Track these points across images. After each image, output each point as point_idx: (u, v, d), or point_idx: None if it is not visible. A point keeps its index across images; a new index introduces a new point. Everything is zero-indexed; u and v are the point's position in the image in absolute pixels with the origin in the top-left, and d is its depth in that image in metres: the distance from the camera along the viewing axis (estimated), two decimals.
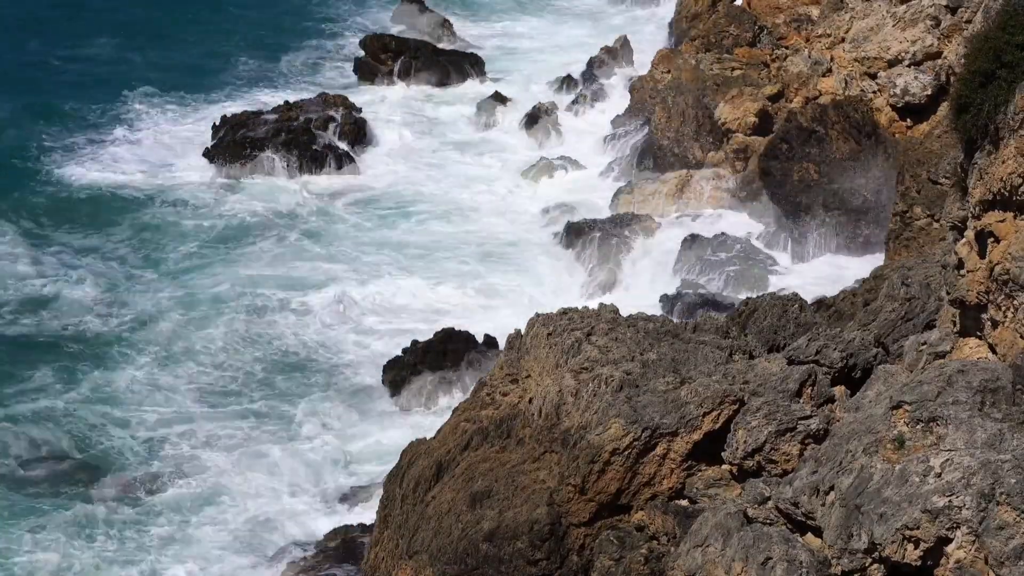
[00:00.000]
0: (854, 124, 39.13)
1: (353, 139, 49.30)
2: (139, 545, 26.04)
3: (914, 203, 33.99)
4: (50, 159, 47.42)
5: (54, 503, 27.47)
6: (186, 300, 36.92)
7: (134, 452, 29.40)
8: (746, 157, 42.40)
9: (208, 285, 38.06)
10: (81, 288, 37.27)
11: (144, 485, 28.26)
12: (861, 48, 42.19)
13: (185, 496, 27.73)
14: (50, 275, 38.19)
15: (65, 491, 28.00)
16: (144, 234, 41.80)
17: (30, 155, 47.74)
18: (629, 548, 18.01)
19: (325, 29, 66.67)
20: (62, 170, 46.47)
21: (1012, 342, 15.65)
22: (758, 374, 18.97)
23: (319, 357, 33.87)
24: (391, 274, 39.12)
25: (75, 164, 47.07)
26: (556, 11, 70.81)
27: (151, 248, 40.59)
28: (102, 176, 46.02)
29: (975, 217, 16.26)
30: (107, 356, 33.68)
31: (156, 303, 36.62)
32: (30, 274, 38.25)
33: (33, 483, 28.23)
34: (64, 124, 50.87)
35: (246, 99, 54.81)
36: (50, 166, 46.78)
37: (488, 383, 22.35)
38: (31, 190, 44.64)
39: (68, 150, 48.44)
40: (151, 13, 67.08)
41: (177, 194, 44.97)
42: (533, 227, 42.16)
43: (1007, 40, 15.78)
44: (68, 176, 45.99)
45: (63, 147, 48.65)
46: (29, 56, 60.08)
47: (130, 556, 25.66)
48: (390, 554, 21.05)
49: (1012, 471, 13.25)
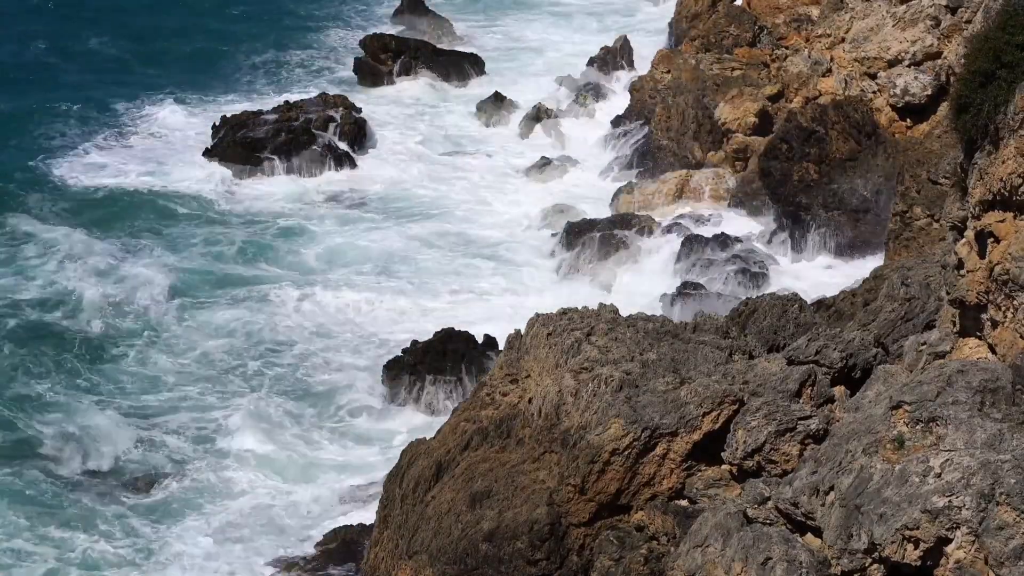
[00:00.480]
0: (854, 124, 39.12)
1: (353, 139, 49.28)
2: (134, 544, 26.00)
3: (914, 203, 34.00)
4: (49, 158, 47.39)
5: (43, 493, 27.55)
6: (185, 300, 36.91)
7: (131, 448, 29.36)
8: (746, 157, 42.41)
9: (208, 285, 38.06)
10: (79, 287, 37.25)
11: (141, 481, 28.25)
12: (861, 48, 42.18)
13: (183, 495, 27.71)
14: (47, 275, 38.19)
15: (52, 482, 28.06)
16: (144, 234, 41.78)
17: (29, 154, 47.73)
18: (629, 548, 18.01)
19: (325, 29, 66.67)
20: (60, 169, 46.44)
21: (1012, 342, 15.66)
22: (758, 374, 18.97)
23: (319, 357, 33.84)
24: (391, 274, 39.11)
25: (73, 163, 47.05)
26: (556, 11, 70.80)
27: (151, 247, 40.56)
28: (100, 175, 45.99)
29: (975, 217, 16.27)
30: (106, 355, 33.68)
31: (155, 303, 36.59)
32: (29, 274, 38.26)
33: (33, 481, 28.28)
34: (63, 123, 50.83)
35: (246, 99, 54.82)
36: (49, 165, 46.75)
37: (488, 383, 22.36)
38: (29, 189, 44.61)
39: (67, 149, 48.41)
40: (151, 12, 67.11)
41: (177, 194, 44.95)
42: (533, 227, 42.15)
43: (1007, 40, 15.78)
44: (66, 175, 45.97)
45: (62, 146, 48.63)
46: (29, 55, 60.10)
47: (125, 554, 25.62)
48: (390, 554, 21.05)
49: (1012, 471, 13.25)
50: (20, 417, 30.50)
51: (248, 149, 47.29)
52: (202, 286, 38.02)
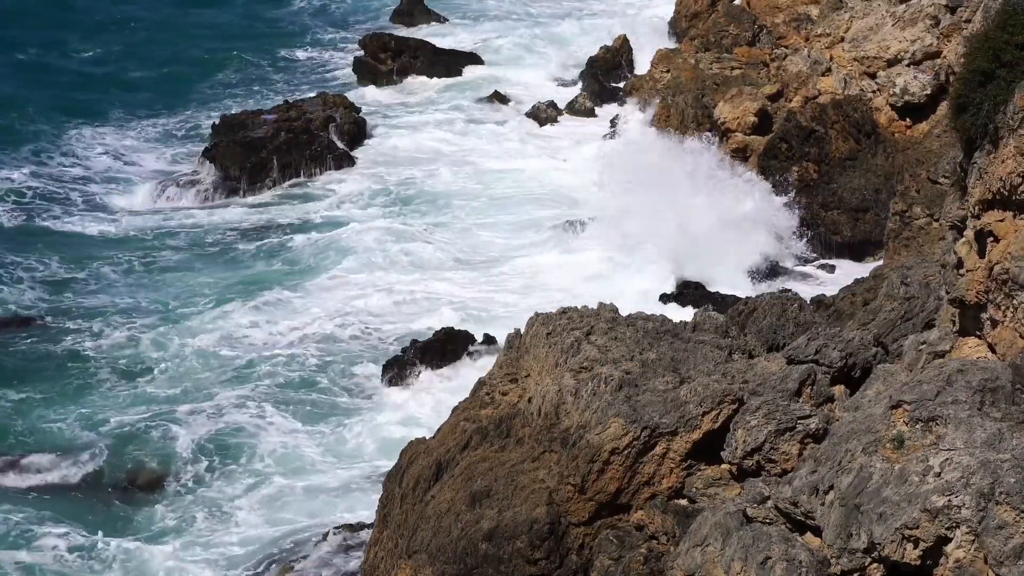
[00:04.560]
0: (853, 124, 39.15)
1: (353, 139, 49.31)
2: (132, 542, 26.01)
3: (913, 202, 34.03)
4: (48, 157, 47.41)
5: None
6: (185, 299, 36.92)
7: (130, 450, 29.38)
8: (745, 156, 42.43)
9: (207, 284, 38.07)
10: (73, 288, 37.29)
11: (139, 483, 28.28)
12: (860, 47, 42.20)
13: (182, 495, 27.73)
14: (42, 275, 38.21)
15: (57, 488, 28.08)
16: (143, 234, 41.79)
17: (29, 153, 47.75)
18: (628, 548, 18.01)
19: (325, 29, 66.69)
20: (59, 168, 46.44)
21: (1012, 341, 15.65)
22: (757, 373, 18.97)
23: (318, 356, 33.84)
24: (390, 273, 39.11)
25: (72, 162, 47.05)
26: (556, 11, 70.85)
27: (150, 247, 40.57)
28: (99, 175, 46.00)
29: (974, 216, 16.26)
30: (107, 354, 33.68)
31: (154, 302, 36.62)
32: (28, 273, 38.25)
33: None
34: (62, 123, 50.89)
35: (246, 99, 54.82)
36: (48, 164, 46.76)
37: (487, 382, 22.35)
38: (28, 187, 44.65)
39: (65, 148, 48.42)
40: (152, 11, 67.12)
41: (176, 193, 44.93)
42: (532, 226, 42.17)
43: (1006, 39, 15.76)
44: (64, 174, 45.97)
45: (60, 145, 48.64)
46: (29, 54, 60.13)
47: (123, 553, 25.63)
48: (389, 553, 21.04)
49: (1012, 470, 13.24)
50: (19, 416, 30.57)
51: (247, 149, 47.30)
52: (202, 285, 38.02)
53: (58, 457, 29.04)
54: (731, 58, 47.09)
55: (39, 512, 26.89)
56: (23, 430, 30.02)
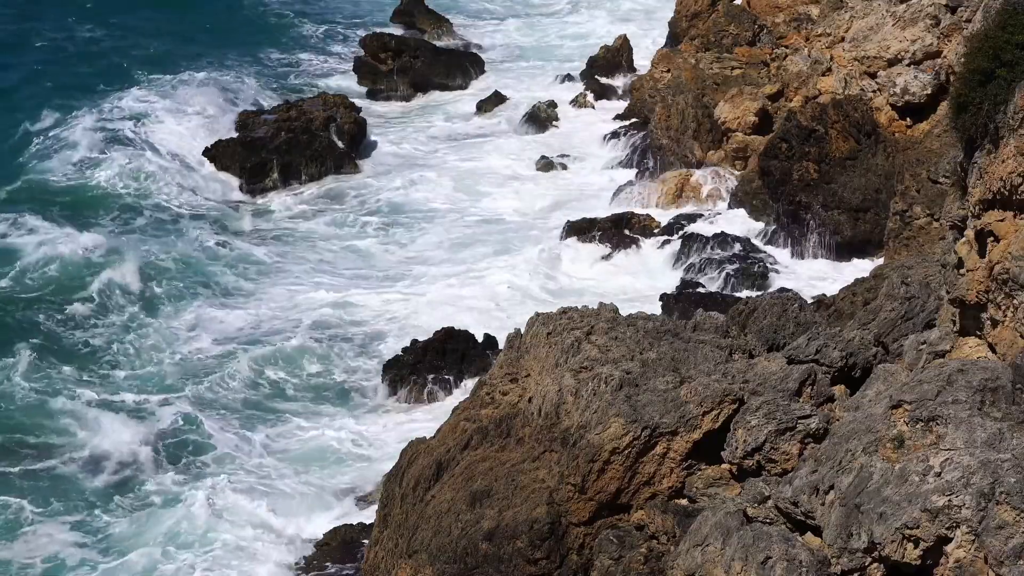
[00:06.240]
0: (854, 123, 39.11)
1: (353, 139, 49.28)
2: (131, 543, 26.04)
3: (914, 202, 34.01)
4: (47, 157, 47.38)
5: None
6: (185, 299, 36.92)
7: (131, 442, 29.40)
8: (746, 156, 42.43)
9: (207, 284, 38.06)
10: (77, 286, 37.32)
11: (139, 480, 28.29)
12: (861, 47, 42.17)
13: (181, 495, 27.72)
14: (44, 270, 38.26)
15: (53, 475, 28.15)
16: (143, 233, 41.79)
17: (28, 153, 47.73)
18: (629, 547, 18.00)
19: (325, 28, 66.66)
20: (58, 168, 46.43)
21: (1012, 341, 15.65)
22: (758, 373, 18.97)
23: (318, 356, 33.84)
24: (390, 273, 39.11)
25: (72, 162, 47.02)
26: (556, 11, 70.84)
27: (149, 247, 40.55)
28: (98, 175, 45.96)
29: (975, 216, 16.26)
30: (106, 353, 33.71)
31: (152, 302, 36.63)
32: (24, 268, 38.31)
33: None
34: (61, 122, 50.83)
35: (245, 99, 54.78)
36: (48, 164, 46.75)
37: (488, 382, 22.34)
38: (28, 187, 44.61)
39: (65, 147, 48.38)
40: (152, 10, 67.07)
41: (176, 194, 44.93)
42: (532, 226, 42.16)
43: (1006, 39, 15.77)
44: (64, 174, 45.96)
45: (60, 144, 48.60)
46: (28, 53, 60.09)
47: (122, 553, 25.65)
48: (389, 553, 21.03)
49: (1012, 470, 13.24)
50: (18, 415, 30.58)
51: (248, 149, 47.29)
52: (201, 285, 38.01)
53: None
54: (731, 58, 47.08)
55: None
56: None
